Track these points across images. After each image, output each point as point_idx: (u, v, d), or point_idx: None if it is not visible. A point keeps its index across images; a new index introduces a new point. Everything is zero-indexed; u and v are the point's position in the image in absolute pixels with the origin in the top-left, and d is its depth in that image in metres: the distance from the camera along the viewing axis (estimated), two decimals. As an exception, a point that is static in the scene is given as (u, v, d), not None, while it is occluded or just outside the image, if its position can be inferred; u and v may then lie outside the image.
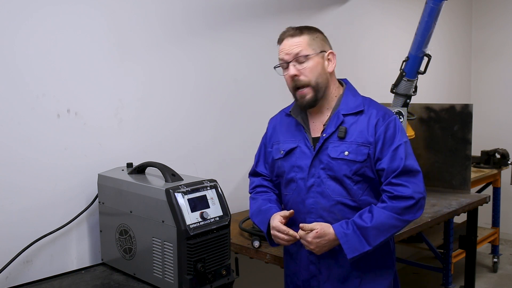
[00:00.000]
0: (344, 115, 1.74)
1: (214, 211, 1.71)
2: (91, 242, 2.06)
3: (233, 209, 2.23)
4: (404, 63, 2.77)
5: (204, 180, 1.76)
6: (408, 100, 2.82)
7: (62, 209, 1.95)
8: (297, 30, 1.74)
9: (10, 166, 1.81)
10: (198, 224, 1.64)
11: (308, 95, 1.72)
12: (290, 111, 1.86)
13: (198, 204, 1.68)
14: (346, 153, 1.70)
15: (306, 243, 1.68)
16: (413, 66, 2.74)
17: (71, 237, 2.00)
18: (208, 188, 1.74)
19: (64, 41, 1.94)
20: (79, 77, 2.00)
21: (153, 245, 1.72)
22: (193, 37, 2.44)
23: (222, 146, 2.61)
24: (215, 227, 1.69)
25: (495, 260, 4.11)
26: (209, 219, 1.68)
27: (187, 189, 1.68)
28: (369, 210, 1.67)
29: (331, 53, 1.77)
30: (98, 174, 1.97)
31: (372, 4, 3.67)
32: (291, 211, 1.76)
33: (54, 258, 1.95)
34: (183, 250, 1.61)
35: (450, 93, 4.73)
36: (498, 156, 4.01)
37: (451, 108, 3.19)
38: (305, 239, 1.67)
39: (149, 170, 1.95)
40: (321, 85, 1.73)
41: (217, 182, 1.78)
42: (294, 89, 1.74)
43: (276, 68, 1.79)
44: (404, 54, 2.78)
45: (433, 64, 2.85)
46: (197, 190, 1.70)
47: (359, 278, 1.75)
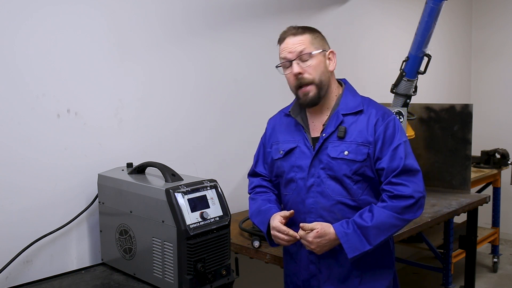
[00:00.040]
0: (344, 115, 1.74)
1: (214, 211, 1.71)
2: (91, 242, 2.06)
3: (233, 209, 2.23)
4: (404, 63, 2.77)
5: (204, 180, 1.76)
6: (408, 100, 2.82)
7: (62, 209, 1.95)
8: (299, 29, 1.74)
9: (10, 166, 1.82)
10: (198, 224, 1.64)
11: (311, 92, 1.72)
12: (289, 111, 1.85)
13: (198, 204, 1.68)
14: (346, 152, 1.70)
15: (306, 243, 1.68)
16: (413, 66, 2.74)
17: (71, 237, 2.00)
18: (208, 188, 1.74)
19: (64, 41, 1.94)
20: (79, 77, 2.00)
21: (153, 245, 1.72)
22: (193, 37, 2.44)
23: (222, 146, 2.61)
24: (215, 227, 1.69)
25: (495, 260, 4.11)
26: (209, 219, 1.68)
27: (187, 189, 1.68)
28: (369, 210, 1.67)
29: (332, 52, 1.78)
30: (98, 174, 1.97)
31: (372, 4, 3.67)
32: (291, 211, 1.76)
33: (54, 258, 1.95)
34: (183, 250, 1.61)
35: (450, 93, 4.73)
36: (498, 156, 4.01)
37: (451, 108, 3.19)
38: (306, 239, 1.67)
39: (149, 170, 1.95)
40: (324, 83, 1.74)
41: (217, 182, 1.78)
42: (297, 87, 1.73)
43: (278, 67, 1.78)
44: (404, 54, 2.78)
45: (433, 64, 2.85)
46: (197, 190, 1.70)
47: (359, 277, 1.75)
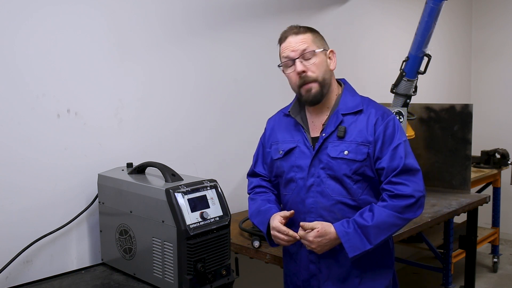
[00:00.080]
0: (343, 114, 1.74)
1: (214, 211, 1.71)
2: (91, 242, 2.06)
3: (233, 209, 2.23)
4: (404, 63, 2.77)
5: (204, 180, 1.76)
6: (408, 100, 2.82)
7: (62, 209, 1.95)
8: (301, 28, 1.75)
9: (10, 166, 1.81)
10: (198, 224, 1.64)
11: (314, 89, 1.72)
12: (289, 111, 1.85)
13: (198, 204, 1.68)
14: (346, 152, 1.70)
15: (307, 242, 1.68)
16: (413, 66, 2.74)
17: (71, 237, 2.00)
18: (208, 188, 1.74)
19: (64, 41, 1.94)
20: (79, 77, 2.00)
21: (153, 245, 1.72)
22: (193, 37, 2.44)
23: (222, 146, 2.61)
24: (215, 227, 1.69)
25: (495, 260, 4.11)
26: (209, 219, 1.68)
27: (187, 189, 1.68)
28: (369, 209, 1.67)
29: (332, 52, 1.79)
30: (98, 174, 1.97)
31: (372, 4, 3.67)
32: (291, 211, 1.76)
33: (54, 258, 1.95)
34: (183, 250, 1.61)
35: (450, 93, 4.73)
36: (498, 156, 4.01)
37: (451, 108, 3.19)
38: (307, 238, 1.67)
39: (149, 170, 1.95)
40: (327, 81, 1.74)
41: (217, 182, 1.78)
42: (300, 86, 1.73)
43: (280, 66, 1.78)
44: (404, 54, 2.78)
45: (433, 64, 2.85)
46: (197, 190, 1.70)
47: (359, 277, 1.76)
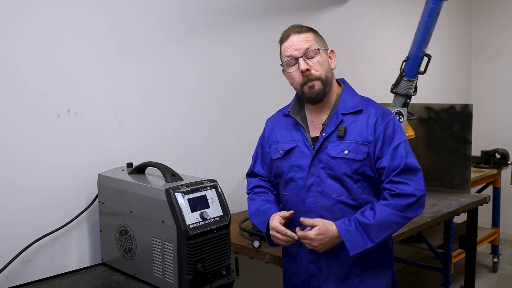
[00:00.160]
0: (343, 114, 1.74)
1: (214, 211, 1.71)
2: (91, 242, 2.06)
3: (233, 209, 2.23)
4: (404, 63, 2.77)
5: (204, 180, 1.76)
6: (408, 100, 2.82)
7: (62, 209, 1.95)
8: (302, 27, 1.76)
9: (10, 166, 1.81)
10: (198, 224, 1.64)
11: (317, 86, 1.72)
12: (288, 110, 1.85)
13: (198, 204, 1.68)
14: (346, 152, 1.70)
15: (308, 241, 1.67)
16: (413, 66, 2.74)
17: (71, 237, 2.00)
18: (208, 188, 1.74)
19: (64, 41, 1.94)
20: (79, 77, 2.00)
21: (153, 245, 1.72)
22: (193, 37, 2.44)
23: (222, 146, 2.61)
24: (215, 227, 1.69)
25: (495, 260, 4.11)
26: (209, 219, 1.68)
27: (187, 189, 1.68)
28: (370, 208, 1.67)
29: (332, 51, 1.80)
30: (98, 174, 1.97)
31: (372, 4, 3.67)
32: (291, 211, 1.75)
33: (54, 258, 1.95)
34: (183, 250, 1.61)
35: (450, 93, 4.73)
36: (498, 156, 4.01)
37: (451, 108, 3.19)
38: (308, 236, 1.66)
39: (149, 170, 1.95)
40: (329, 80, 1.75)
41: (217, 182, 1.78)
42: (303, 84, 1.73)
43: (283, 65, 1.78)
44: (404, 54, 2.78)
45: (433, 64, 2.85)
46: (197, 190, 1.70)
47: (359, 277, 1.76)
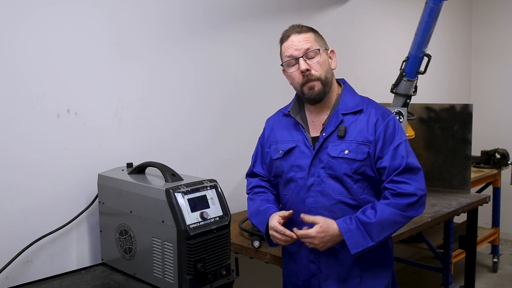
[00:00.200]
0: (343, 114, 1.74)
1: (214, 211, 1.71)
2: (91, 242, 2.06)
3: (233, 209, 2.23)
4: (404, 63, 2.77)
5: (204, 180, 1.76)
6: (408, 100, 2.82)
7: (62, 209, 1.95)
8: (303, 27, 1.75)
9: (10, 166, 1.81)
10: (198, 224, 1.64)
11: (317, 87, 1.72)
12: (289, 110, 1.85)
13: (198, 204, 1.68)
14: (346, 152, 1.70)
15: (309, 239, 1.66)
16: (413, 66, 2.74)
17: (71, 237, 2.00)
18: (208, 188, 1.74)
19: (64, 41, 1.94)
20: (79, 77, 2.00)
21: (153, 245, 1.72)
22: (193, 37, 2.44)
23: (222, 146, 2.61)
24: (215, 227, 1.69)
25: (495, 260, 4.11)
26: (209, 219, 1.68)
27: (187, 189, 1.68)
28: (371, 207, 1.67)
29: (332, 51, 1.80)
30: (98, 174, 1.97)
31: (372, 4, 3.67)
32: (290, 211, 1.75)
33: (54, 258, 1.95)
34: (183, 250, 1.61)
35: (450, 93, 4.73)
36: (498, 156, 4.01)
37: (451, 108, 3.19)
38: (309, 234, 1.65)
39: (149, 170, 1.95)
40: (329, 80, 1.75)
41: (217, 182, 1.78)
42: (303, 84, 1.73)
43: (283, 65, 1.78)
44: (404, 54, 2.78)
45: (433, 64, 2.85)
46: (197, 190, 1.70)
47: (359, 277, 1.76)
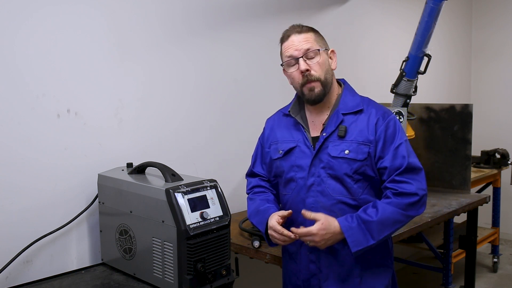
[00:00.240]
0: (344, 114, 1.74)
1: (214, 211, 1.71)
2: (91, 242, 2.06)
3: (233, 209, 2.23)
4: (404, 63, 2.77)
5: (204, 180, 1.76)
6: (408, 100, 2.82)
7: (62, 209, 1.95)
8: (303, 27, 1.75)
9: (10, 166, 1.81)
10: (198, 224, 1.64)
11: (317, 88, 1.72)
12: (289, 110, 1.85)
13: (198, 204, 1.68)
14: (347, 151, 1.70)
15: (310, 237, 1.65)
16: (413, 66, 2.74)
17: (71, 237, 2.00)
18: (208, 188, 1.74)
19: (64, 41, 1.94)
20: (79, 77, 2.00)
21: (153, 245, 1.72)
22: (193, 37, 2.44)
23: (222, 146, 2.61)
24: (215, 227, 1.69)
25: (495, 260, 4.11)
26: (209, 219, 1.68)
27: (187, 189, 1.68)
28: (373, 205, 1.67)
29: (332, 52, 1.80)
30: (98, 174, 1.97)
31: (372, 4, 3.67)
32: (289, 211, 1.75)
33: (54, 258, 1.95)
34: (183, 250, 1.61)
35: (450, 93, 4.73)
36: (498, 156, 4.01)
37: (451, 108, 3.19)
38: (310, 232, 1.64)
39: (149, 170, 1.95)
40: (329, 80, 1.75)
41: (217, 182, 1.78)
42: (303, 85, 1.73)
43: (283, 65, 1.78)
44: (404, 54, 2.78)
45: (433, 64, 2.85)
46: (197, 190, 1.70)
47: (359, 277, 1.76)
